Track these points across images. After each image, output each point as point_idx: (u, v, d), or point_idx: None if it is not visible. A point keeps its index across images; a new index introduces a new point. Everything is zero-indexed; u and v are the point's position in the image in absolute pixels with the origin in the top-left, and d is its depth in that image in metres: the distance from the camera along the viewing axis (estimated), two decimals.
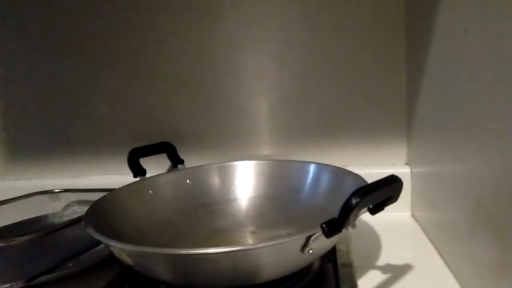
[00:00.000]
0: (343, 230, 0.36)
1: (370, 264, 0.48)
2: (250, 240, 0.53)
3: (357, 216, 0.36)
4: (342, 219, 0.34)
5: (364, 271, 0.47)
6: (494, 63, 0.33)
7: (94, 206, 0.47)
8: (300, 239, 0.36)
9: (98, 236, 0.39)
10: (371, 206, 0.38)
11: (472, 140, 0.38)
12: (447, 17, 0.43)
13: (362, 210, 0.39)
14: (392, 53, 0.61)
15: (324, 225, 0.34)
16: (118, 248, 0.38)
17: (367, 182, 0.43)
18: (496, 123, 0.33)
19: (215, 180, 0.61)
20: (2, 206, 0.60)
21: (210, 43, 0.65)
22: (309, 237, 0.36)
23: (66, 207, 0.65)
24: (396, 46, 0.60)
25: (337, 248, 0.50)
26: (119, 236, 0.42)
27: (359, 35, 0.61)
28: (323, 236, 0.35)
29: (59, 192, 0.66)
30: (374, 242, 0.54)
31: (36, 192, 0.65)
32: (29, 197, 0.63)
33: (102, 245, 0.44)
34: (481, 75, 0.35)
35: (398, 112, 0.62)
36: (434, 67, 0.48)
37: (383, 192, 0.36)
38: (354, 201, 0.33)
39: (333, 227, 0.34)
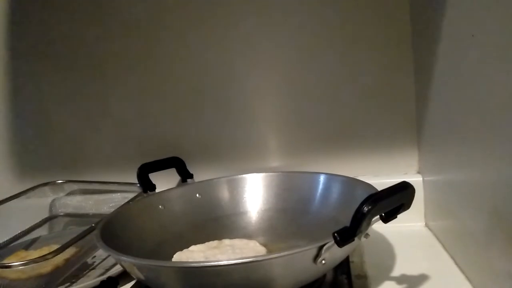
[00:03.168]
0: (356, 239, 0.35)
1: (385, 275, 0.47)
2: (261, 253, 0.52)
3: (369, 224, 0.35)
4: (354, 227, 0.34)
5: (379, 282, 0.46)
6: (502, 67, 0.33)
7: (106, 221, 0.47)
8: (312, 249, 0.36)
9: (108, 251, 0.39)
10: (383, 214, 0.37)
11: (484, 146, 0.38)
12: (453, 22, 0.43)
13: (375, 218, 0.38)
14: (400, 61, 0.60)
15: (336, 234, 0.34)
16: (128, 262, 0.38)
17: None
18: (509, 128, 0.33)
19: (224, 194, 0.61)
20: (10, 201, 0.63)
21: (217, 57, 0.65)
22: (321, 247, 0.35)
23: (69, 194, 0.70)
24: (404, 54, 0.60)
25: (351, 259, 0.50)
26: (130, 251, 0.42)
27: (366, 44, 0.61)
28: (335, 245, 0.35)
29: (62, 182, 0.69)
30: (388, 253, 0.53)
31: (40, 184, 0.68)
32: (33, 190, 0.67)
33: None
34: (491, 80, 0.35)
35: (407, 120, 0.62)
36: (442, 72, 0.48)
37: (395, 199, 0.36)
38: (365, 208, 0.33)
39: (345, 235, 0.34)
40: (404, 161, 0.63)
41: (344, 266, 0.47)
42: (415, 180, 0.61)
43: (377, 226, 0.60)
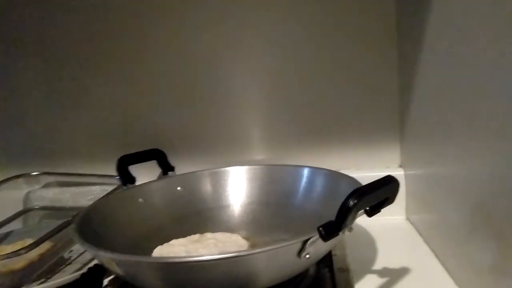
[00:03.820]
0: (340, 233, 0.35)
1: (367, 268, 0.48)
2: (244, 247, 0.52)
3: (354, 218, 0.35)
4: (339, 222, 0.33)
5: (361, 275, 0.46)
6: (488, 61, 0.33)
7: (83, 215, 0.45)
8: (296, 243, 0.35)
9: (85, 246, 0.38)
10: (368, 208, 0.37)
11: (467, 141, 0.38)
12: (439, 16, 0.43)
13: (359, 212, 0.38)
14: (384, 55, 0.60)
15: (321, 228, 0.34)
16: (107, 258, 0.36)
17: (361, 185, 0.42)
18: (491, 123, 0.33)
19: (207, 187, 0.60)
20: None
21: (201, 49, 0.64)
22: (305, 241, 0.35)
23: (45, 186, 0.67)
24: (388, 48, 0.60)
25: (333, 253, 0.50)
26: (108, 246, 0.40)
27: (350, 37, 0.61)
28: (320, 240, 0.34)
29: (37, 174, 0.66)
30: (370, 246, 0.53)
31: (13, 176, 0.65)
32: (6, 182, 0.64)
33: None
34: (476, 74, 0.35)
35: (390, 114, 0.62)
36: (426, 67, 0.48)
37: (380, 193, 0.36)
38: (351, 202, 0.33)
39: (330, 230, 0.33)
40: (387, 155, 0.63)
41: (326, 259, 0.47)
42: (397, 174, 0.60)
43: (360, 219, 0.60)
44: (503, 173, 0.32)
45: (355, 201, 0.33)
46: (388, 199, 0.37)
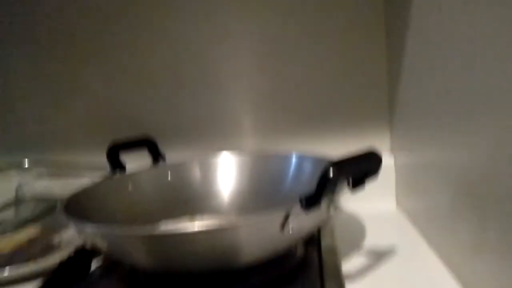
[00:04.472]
0: (323, 206, 0.35)
1: (355, 251, 0.48)
2: None
3: (334, 190, 0.35)
4: (319, 192, 0.33)
5: (348, 257, 0.46)
6: (475, 47, 0.32)
7: (71, 198, 0.45)
8: (278, 215, 0.35)
9: (72, 221, 0.38)
10: (350, 181, 0.37)
11: (452, 128, 0.38)
12: (424, 3, 0.43)
13: (342, 187, 0.38)
14: (373, 40, 0.61)
15: (302, 198, 0.34)
16: (92, 231, 0.36)
17: None
18: (473, 112, 0.33)
19: (196, 176, 0.60)
20: None
21: (191, 37, 0.65)
22: (287, 213, 0.35)
23: (36, 177, 0.66)
24: (376, 33, 0.61)
25: (322, 235, 0.50)
26: None
27: (341, 29, 0.61)
28: (302, 212, 0.35)
29: (28, 165, 0.66)
30: (359, 231, 0.53)
31: (4, 166, 0.65)
32: None
33: None
34: (463, 61, 0.35)
35: (380, 101, 0.62)
36: (413, 51, 0.49)
37: (362, 165, 0.36)
38: (330, 171, 0.33)
39: (311, 200, 0.34)
40: (377, 142, 0.64)
41: (314, 242, 0.47)
42: (387, 160, 0.61)
43: (349, 205, 0.60)
44: (484, 154, 0.32)
45: (334, 170, 0.33)
46: (371, 172, 0.37)
